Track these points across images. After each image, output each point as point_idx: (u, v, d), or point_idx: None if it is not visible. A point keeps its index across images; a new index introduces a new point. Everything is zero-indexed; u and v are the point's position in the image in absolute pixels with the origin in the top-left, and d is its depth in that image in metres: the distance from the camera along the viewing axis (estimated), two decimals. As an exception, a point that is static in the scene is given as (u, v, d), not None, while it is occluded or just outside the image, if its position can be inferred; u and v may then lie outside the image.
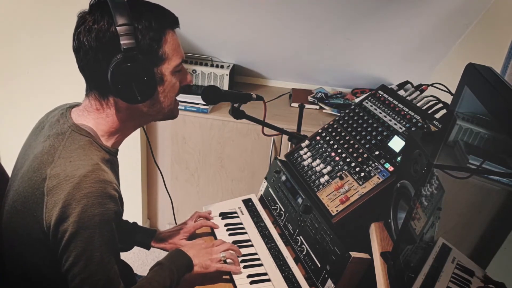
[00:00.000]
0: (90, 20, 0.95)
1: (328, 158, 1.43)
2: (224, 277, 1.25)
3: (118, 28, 0.93)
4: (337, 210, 1.25)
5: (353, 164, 1.34)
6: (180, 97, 1.13)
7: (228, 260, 1.24)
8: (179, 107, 1.14)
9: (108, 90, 1.00)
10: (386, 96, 1.47)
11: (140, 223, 1.41)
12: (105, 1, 0.96)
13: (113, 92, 0.99)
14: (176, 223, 1.62)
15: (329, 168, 1.39)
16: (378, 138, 1.36)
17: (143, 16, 0.97)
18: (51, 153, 0.97)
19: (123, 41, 0.93)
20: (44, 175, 0.94)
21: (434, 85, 1.37)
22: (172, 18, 1.03)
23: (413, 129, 1.30)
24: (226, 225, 1.44)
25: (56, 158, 0.96)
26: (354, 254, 1.12)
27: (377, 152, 1.32)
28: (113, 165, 1.06)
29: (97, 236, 0.93)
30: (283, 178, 1.49)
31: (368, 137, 1.38)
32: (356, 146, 1.39)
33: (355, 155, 1.37)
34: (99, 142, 1.02)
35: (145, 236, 1.38)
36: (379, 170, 1.27)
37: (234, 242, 1.36)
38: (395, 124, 1.35)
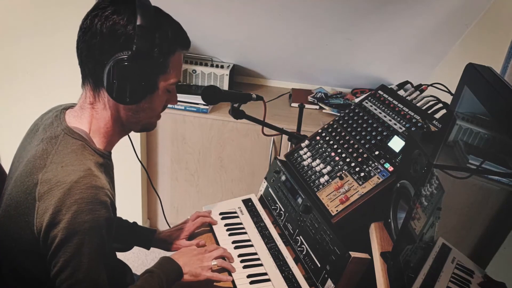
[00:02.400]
0: (110, 9, 0.95)
1: (328, 158, 1.43)
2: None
3: (137, 27, 0.94)
4: (337, 210, 1.25)
5: (353, 164, 1.34)
6: (180, 97, 1.14)
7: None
8: (179, 107, 1.14)
9: (101, 81, 0.99)
10: (386, 96, 1.47)
11: (140, 223, 1.41)
12: None
13: (104, 84, 0.97)
14: (166, 222, 1.62)
15: (329, 168, 1.39)
16: (378, 138, 1.36)
17: (163, 26, 0.99)
18: (43, 157, 0.97)
19: (138, 42, 0.94)
20: (36, 180, 0.93)
21: (434, 85, 1.37)
22: (186, 40, 1.06)
23: (413, 129, 1.30)
24: (226, 225, 1.44)
25: (48, 163, 0.95)
26: (354, 254, 1.12)
27: (377, 152, 1.32)
28: (107, 168, 1.05)
29: (86, 243, 0.92)
30: (283, 178, 1.49)
31: (368, 137, 1.38)
32: (356, 146, 1.39)
33: (355, 155, 1.37)
34: (92, 145, 1.01)
35: (145, 236, 1.38)
36: (379, 170, 1.27)
37: (234, 242, 1.36)
38: (395, 124, 1.35)
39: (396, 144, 1.30)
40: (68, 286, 0.92)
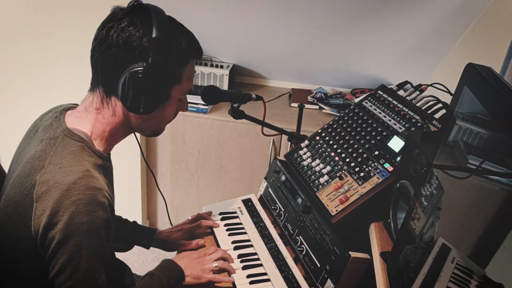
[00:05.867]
0: (126, 20, 0.96)
1: (327, 158, 1.43)
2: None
3: (153, 40, 0.94)
4: (336, 210, 1.25)
5: (352, 164, 1.34)
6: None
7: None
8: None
9: (114, 90, 1.00)
10: (386, 96, 1.47)
11: (139, 223, 1.41)
12: (147, 8, 0.98)
13: (118, 95, 0.98)
14: (171, 224, 1.62)
15: (328, 168, 1.39)
16: (378, 138, 1.36)
17: (177, 36, 1.00)
18: (42, 158, 0.96)
19: (153, 55, 0.95)
20: (33, 181, 0.93)
21: (434, 85, 1.37)
22: (199, 50, 1.07)
23: (412, 129, 1.30)
24: (225, 225, 1.44)
25: (46, 164, 0.95)
26: (353, 254, 1.12)
27: (376, 152, 1.32)
28: (106, 170, 1.04)
29: (85, 244, 0.91)
30: (283, 178, 1.49)
31: (367, 137, 1.38)
32: (356, 146, 1.39)
33: (354, 155, 1.37)
34: (91, 147, 1.01)
35: (145, 236, 1.38)
36: (378, 170, 1.27)
37: (234, 242, 1.36)
38: (395, 124, 1.35)
39: (396, 144, 1.30)
40: (67, 287, 0.92)
